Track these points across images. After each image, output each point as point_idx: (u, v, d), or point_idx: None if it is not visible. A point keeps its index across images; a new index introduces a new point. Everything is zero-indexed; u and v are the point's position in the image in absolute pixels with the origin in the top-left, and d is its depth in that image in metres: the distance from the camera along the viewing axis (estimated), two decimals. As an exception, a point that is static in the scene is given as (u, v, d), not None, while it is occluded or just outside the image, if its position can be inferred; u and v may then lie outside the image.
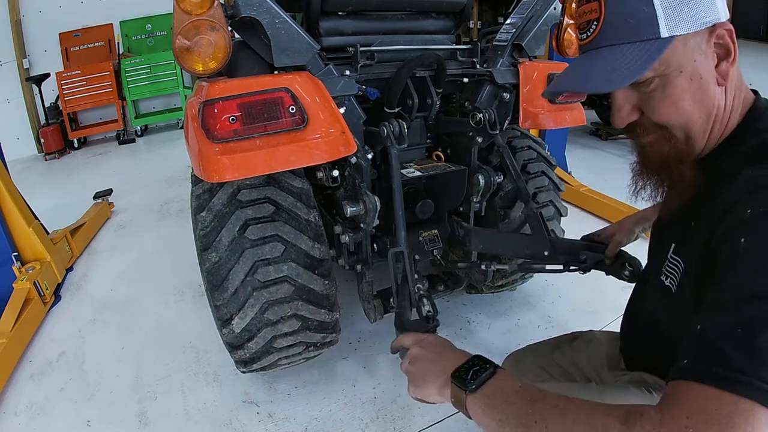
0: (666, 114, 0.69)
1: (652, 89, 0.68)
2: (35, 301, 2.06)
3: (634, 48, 0.65)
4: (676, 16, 0.64)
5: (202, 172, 1.13)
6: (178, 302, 2.18)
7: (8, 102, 5.24)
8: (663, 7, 0.64)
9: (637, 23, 0.65)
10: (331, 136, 1.17)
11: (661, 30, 0.64)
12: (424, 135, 1.64)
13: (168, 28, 5.60)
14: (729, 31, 0.65)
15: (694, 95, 0.67)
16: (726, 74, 0.66)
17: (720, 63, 0.66)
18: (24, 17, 5.23)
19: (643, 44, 0.65)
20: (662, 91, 0.67)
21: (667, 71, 0.66)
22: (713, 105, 0.68)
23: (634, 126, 0.73)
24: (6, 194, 2.16)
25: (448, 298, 2.02)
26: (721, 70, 0.66)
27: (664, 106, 0.68)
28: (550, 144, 2.25)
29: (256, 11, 1.17)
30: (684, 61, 0.65)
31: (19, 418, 1.57)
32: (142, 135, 5.71)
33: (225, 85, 1.14)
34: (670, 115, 0.69)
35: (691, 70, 0.66)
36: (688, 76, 0.66)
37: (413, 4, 1.58)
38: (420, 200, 1.48)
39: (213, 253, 1.24)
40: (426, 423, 1.45)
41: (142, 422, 1.52)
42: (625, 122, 0.72)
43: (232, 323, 1.26)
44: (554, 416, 0.57)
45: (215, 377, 1.69)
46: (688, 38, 0.64)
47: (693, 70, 0.65)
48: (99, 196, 3.25)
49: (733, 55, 0.66)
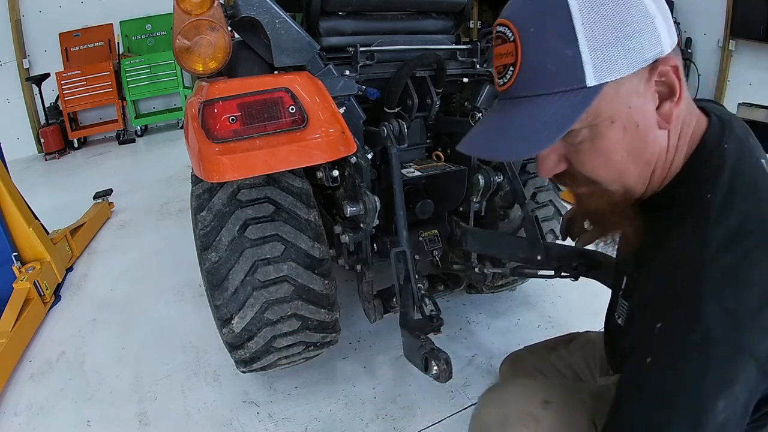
0: (596, 168, 0.60)
1: (580, 141, 0.58)
2: (35, 301, 2.06)
3: (556, 100, 0.55)
4: (607, 59, 0.53)
5: (202, 172, 1.13)
6: (178, 302, 2.18)
7: (8, 102, 5.24)
8: (590, 49, 0.53)
9: (558, 71, 0.54)
10: (331, 136, 1.17)
11: (587, 78, 0.53)
12: (424, 135, 1.64)
13: (168, 28, 5.60)
14: (674, 68, 0.55)
15: (629, 146, 0.58)
16: (669, 116, 0.57)
17: (662, 104, 0.57)
18: (24, 17, 5.22)
19: (566, 95, 0.55)
20: (591, 143, 0.58)
21: (596, 122, 0.56)
22: (653, 152, 0.59)
23: (563, 176, 0.64)
24: (6, 194, 2.16)
25: (448, 298, 2.02)
26: (663, 112, 0.57)
27: (594, 159, 0.59)
28: (549, 144, 2.25)
29: (256, 11, 1.17)
30: (616, 110, 0.56)
31: (19, 418, 1.57)
32: (142, 135, 5.71)
33: (225, 85, 1.14)
34: (601, 169, 0.60)
35: (625, 119, 0.56)
36: (622, 125, 0.56)
37: (413, 4, 1.58)
38: (420, 200, 1.48)
39: (213, 253, 1.24)
40: (426, 423, 1.45)
41: (142, 422, 1.52)
42: (550, 173, 0.63)
43: (232, 323, 1.26)
44: None
45: (215, 377, 1.69)
46: (622, 83, 0.54)
47: (627, 118, 0.56)
48: (99, 196, 3.25)
49: (678, 93, 0.56)
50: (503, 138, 0.59)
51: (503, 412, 0.79)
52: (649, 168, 0.61)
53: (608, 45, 0.53)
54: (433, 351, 0.93)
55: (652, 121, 0.57)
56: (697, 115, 0.62)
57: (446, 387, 1.57)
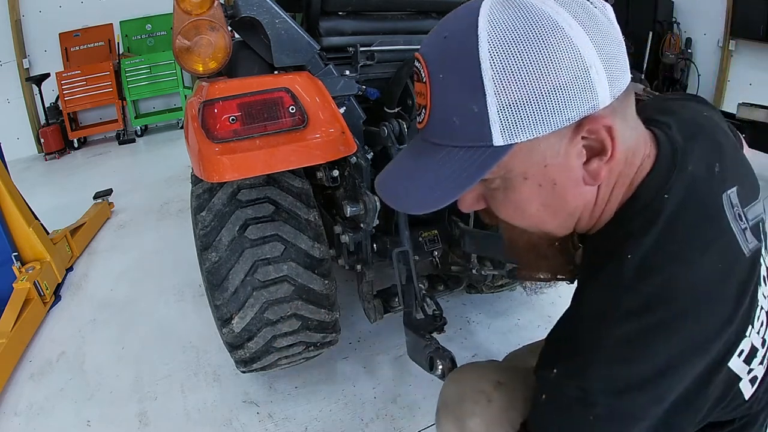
0: (512, 216, 0.57)
1: (494, 188, 0.55)
2: (35, 301, 2.06)
3: (462, 153, 0.50)
4: (518, 120, 0.47)
5: (202, 172, 1.13)
6: (178, 302, 2.18)
7: (8, 102, 5.24)
8: (499, 106, 0.46)
9: (463, 124, 0.49)
10: (331, 136, 1.17)
11: (494, 137, 0.48)
12: (424, 135, 1.64)
13: (168, 28, 5.60)
14: (606, 127, 0.49)
15: (544, 201, 0.54)
16: (597, 174, 0.51)
17: (591, 160, 0.51)
18: (24, 17, 5.22)
19: (473, 150, 0.50)
20: (504, 193, 0.55)
21: (508, 175, 0.52)
22: (575, 206, 0.56)
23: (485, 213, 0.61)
24: (6, 194, 2.16)
25: (448, 298, 2.02)
26: (591, 170, 0.51)
27: (508, 209, 0.56)
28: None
29: (256, 11, 1.17)
30: (529, 168, 0.51)
31: (19, 418, 1.57)
32: (142, 135, 5.71)
33: (225, 85, 1.14)
34: (517, 219, 0.57)
35: (540, 177, 0.52)
36: (537, 182, 0.52)
37: (413, 4, 1.57)
38: (420, 200, 1.48)
39: (213, 253, 1.24)
40: (426, 423, 1.45)
41: (142, 422, 1.52)
42: (469, 210, 0.60)
43: (232, 323, 1.25)
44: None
45: (215, 377, 1.69)
46: (537, 142, 0.49)
47: (543, 176, 0.51)
48: (99, 196, 3.25)
49: (609, 152, 0.50)
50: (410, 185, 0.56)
51: (460, 389, 0.80)
52: (571, 218, 0.57)
53: (520, 104, 0.46)
54: (438, 350, 0.93)
55: (575, 178, 0.52)
56: (642, 156, 0.56)
57: (446, 387, 1.57)
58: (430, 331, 1.02)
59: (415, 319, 1.02)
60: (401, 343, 1.79)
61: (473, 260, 1.57)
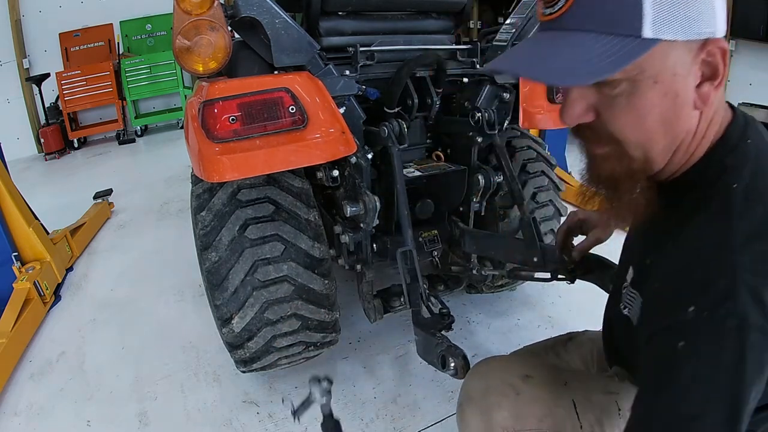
0: (626, 126, 0.58)
1: (617, 94, 0.56)
2: (35, 301, 2.06)
3: (608, 41, 0.53)
4: (667, 17, 0.51)
5: (202, 172, 1.13)
6: (178, 302, 2.18)
7: (8, 102, 5.24)
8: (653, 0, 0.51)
9: (616, 12, 0.52)
10: (331, 136, 1.17)
11: (644, 29, 0.51)
12: (424, 135, 1.64)
13: (168, 28, 5.60)
14: (722, 51, 0.54)
15: (663, 114, 0.56)
16: (707, 97, 0.56)
17: (703, 84, 0.56)
18: (24, 17, 5.23)
19: (619, 39, 0.53)
20: (627, 99, 0.56)
21: (639, 78, 0.54)
22: (683, 129, 0.58)
23: (585, 129, 0.61)
24: (6, 194, 2.16)
25: (448, 298, 2.02)
26: (702, 92, 0.56)
27: (626, 117, 0.57)
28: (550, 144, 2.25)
29: (256, 11, 1.17)
30: (661, 72, 0.54)
31: (19, 418, 1.57)
32: (142, 135, 5.71)
33: (225, 85, 1.15)
34: (631, 129, 0.58)
35: (667, 84, 0.55)
36: (663, 90, 0.55)
37: (413, 4, 1.58)
38: (420, 200, 1.48)
39: (213, 253, 1.24)
40: (426, 423, 1.45)
41: (142, 422, 1.52)
42: (575, 122, 0.60)
43: (232, 323, 1.26)
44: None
45: (215, 377, 1.69)
46: (674, 46, 0.53)
47: (670, 84, 0.55)
48: (99, 196, 3.26)
49: (720, 77, 0.55)
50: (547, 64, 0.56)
51: (486, 383, 0.81)
52: (674, 144, 0.59)
53: (672, 3, 0.51)
54: (450, 348, 0.94)
55: (689, 97, 0.56)
56: (725, 107, 0.62)
57: (446, 387, 1.57)
58: (439, 329, 1.02)
59: (423, 318, 1.02)
60: (401, 343, 1.79)
61: (473, 260, 1.57)
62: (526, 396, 0.77)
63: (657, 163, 0.61)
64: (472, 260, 1.57)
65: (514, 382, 0.78)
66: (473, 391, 0.82)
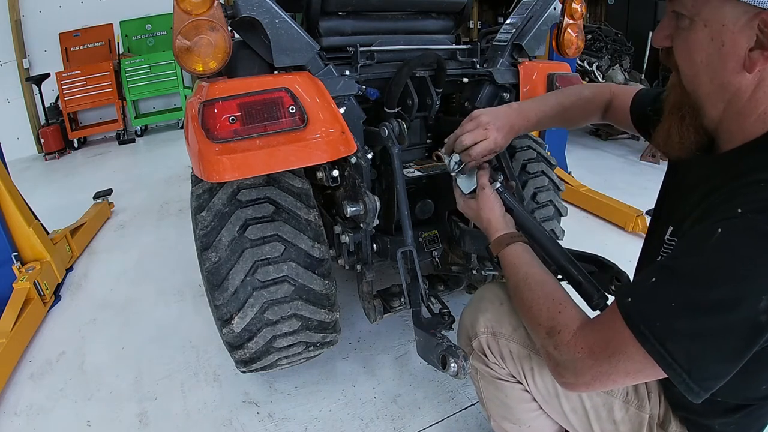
0: (681, 58, 0.69)
1: (682, 27, 0.67)
2: (35, 301, 2.06)
3: None
4: None
5: (202, 172, 1.13)
6: (178, 302, 2.18)
7: (8, 102, 5.24)
8: None
9: None
10: (331, 136, 1.17)
11: None
12: (424, 135, 1.64)
13: (168, 28, 5.60)
14: None
15: (709, 56, 0.64)
16: (755, 63, 0.61)
17: (754, 50, 0.61)
18: (24, 17, 5.23)
19: None
20: (686, 33, 0.66)
21: (695, 18, 0.63)
22: (731, 83, 0.64)
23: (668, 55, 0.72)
24: (6, 194, 2.16)
25: (448, 298, 2.02)
26: (752, 56, 0.61)
27: (683, 49, 0.68)
28: (550, 144, 2.25)
29: (256, 11, 1.17)
30: (712, 19, 0.62)
31: (19, 418, 1.57)
32: (142, 135, 5.71)
33: (225, 85, 1.14)
34: (683, 61, 0.69)
35: (715, 31, 0.62)
36: (710, 35, 0.63)
37: (413, 4, 1.57)
38: (420, 200, 1.48)
39: (213, 253, 1.24)
40: (426, 423, 1.45)
41: (142, 422, 1.52)
42: (659, 43, 0.72)
43: (232, 323, 1.26)
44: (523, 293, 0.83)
45: (215, 377, 1.69)
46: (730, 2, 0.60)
47: (718, 32, 0.62)
48: (99, 196, 3.25)
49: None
50: None
51: (482, 293, 1.03)
52: (722, 95, 0.66)
53: None
54: (450, 348, 0.93)
55: (738, 54, 0.61)
56: None
57: (446, 387, 1.57)
58: (439, 329, 1.02)
59: (423, 318, 1.02)
60: (401, 343, 1.80)
61: (473, 260, 1.57)
62: (507, 308, 0.96)
63: (706, 108, 0.69)
64: (472, 260, 1.57)
65: (501, 296, 0.98)
66: (474, 297, 1.05)
